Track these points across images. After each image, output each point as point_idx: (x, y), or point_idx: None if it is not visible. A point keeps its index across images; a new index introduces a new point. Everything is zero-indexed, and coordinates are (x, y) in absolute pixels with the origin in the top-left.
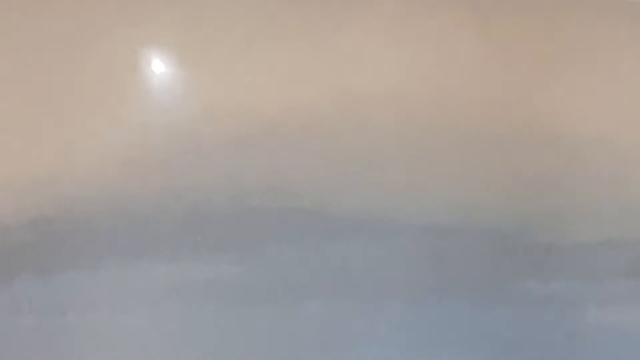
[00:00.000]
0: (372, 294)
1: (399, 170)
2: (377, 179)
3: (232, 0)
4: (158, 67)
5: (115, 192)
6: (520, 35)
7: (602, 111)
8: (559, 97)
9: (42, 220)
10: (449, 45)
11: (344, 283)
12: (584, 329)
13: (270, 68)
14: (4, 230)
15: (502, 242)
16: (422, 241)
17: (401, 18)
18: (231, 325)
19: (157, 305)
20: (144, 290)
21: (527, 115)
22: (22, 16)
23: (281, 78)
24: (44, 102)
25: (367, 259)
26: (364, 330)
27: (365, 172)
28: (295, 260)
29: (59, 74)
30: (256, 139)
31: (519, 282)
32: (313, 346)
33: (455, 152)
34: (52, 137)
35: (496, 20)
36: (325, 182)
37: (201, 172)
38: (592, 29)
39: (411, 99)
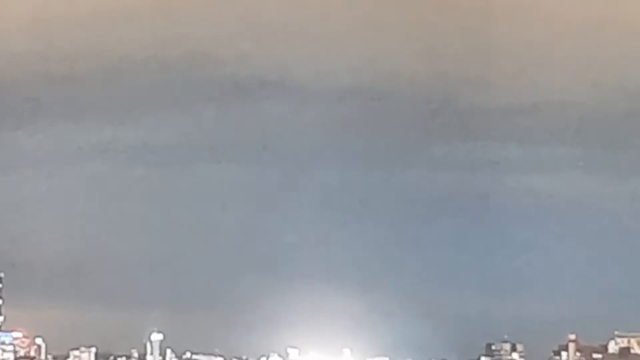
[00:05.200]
0: (292, 158)
1: (321, 32)
2: (299, 40)
3: None
4: None
5: (40, 52)
6: None
7: None
8: None
9: None
10: None
11: (262, 145)
12: (504, 192)
13: None
14: None
15: (427, 105)
16: (346, 104)
17: None
18: (157, 184)
19: (86, 165)
20: (72, 150)
21: None
22: None
23: None
24: None
25: (287, 121)
26: (288, 195)
27: (283, 35)
28: (215, 119)
29: None
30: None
31: (440, 144)
32: (229, 207)
33: (381, 14)
34: None
35: None
36: (243, 45)
37: (124, 30)
38: None
39: None
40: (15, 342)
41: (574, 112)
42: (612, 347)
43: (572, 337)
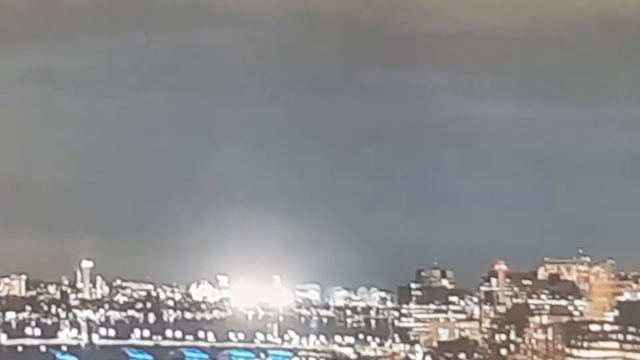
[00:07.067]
0: (223, 85)
1: None
2: None
3: None
4: None
5: None
6: None
7: None
8: None
9: None
10: None
11: (194, 73)
12: (434, 118)
13: None
14: None
15: (358, 31)
16: (278, 31)
17: None
18: (88, 110)
19: (18, 92)
20: (3, 77)
21: None
22: None
23: None
24: None
25: (218, 49)
26: (219, 123)
27: None
28: (147, 47)
29: None
30: None
31: (371, 72)
32: (160, 134)
33: None
34: None
35: None
36: None
37: None
38: None
39: None
40: None
41: (505, 40)
42: (542, 274)
43: (502, 263)
